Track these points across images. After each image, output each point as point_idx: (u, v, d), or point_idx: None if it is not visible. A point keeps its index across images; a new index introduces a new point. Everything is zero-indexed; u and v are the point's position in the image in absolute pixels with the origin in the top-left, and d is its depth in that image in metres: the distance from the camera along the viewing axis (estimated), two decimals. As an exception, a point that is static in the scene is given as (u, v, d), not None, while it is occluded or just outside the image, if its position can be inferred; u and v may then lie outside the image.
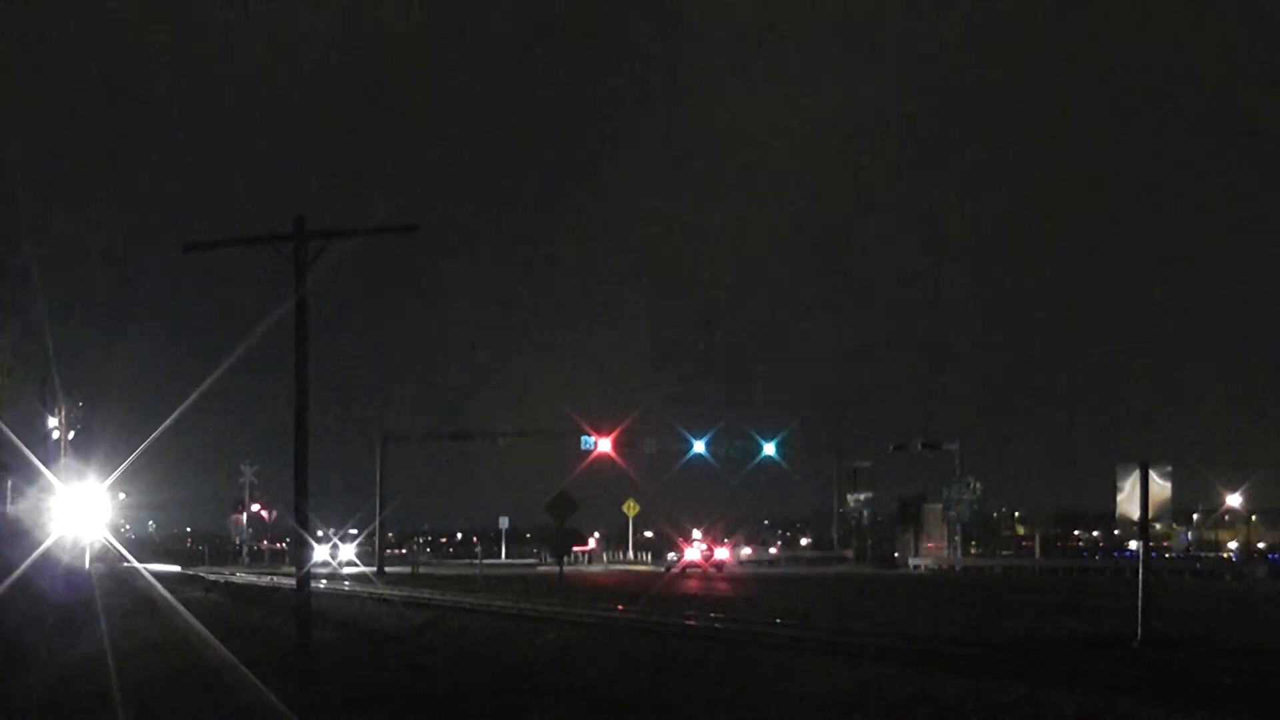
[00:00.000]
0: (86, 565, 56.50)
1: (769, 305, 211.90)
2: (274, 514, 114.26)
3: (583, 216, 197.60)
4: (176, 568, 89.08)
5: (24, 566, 24.59)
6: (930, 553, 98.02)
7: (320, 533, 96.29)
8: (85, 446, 69.59)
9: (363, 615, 38.08)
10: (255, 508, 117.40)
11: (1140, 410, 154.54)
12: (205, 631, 29.58)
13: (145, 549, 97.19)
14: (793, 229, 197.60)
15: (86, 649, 25.36)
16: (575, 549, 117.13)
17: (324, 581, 63.25)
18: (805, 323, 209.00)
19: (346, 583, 61.90)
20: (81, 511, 62.21)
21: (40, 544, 25.25)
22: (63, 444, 66.47)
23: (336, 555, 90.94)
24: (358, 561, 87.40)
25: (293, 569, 22.65)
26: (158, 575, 64.88)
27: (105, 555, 70.67)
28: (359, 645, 27.79)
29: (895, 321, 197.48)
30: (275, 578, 68.95)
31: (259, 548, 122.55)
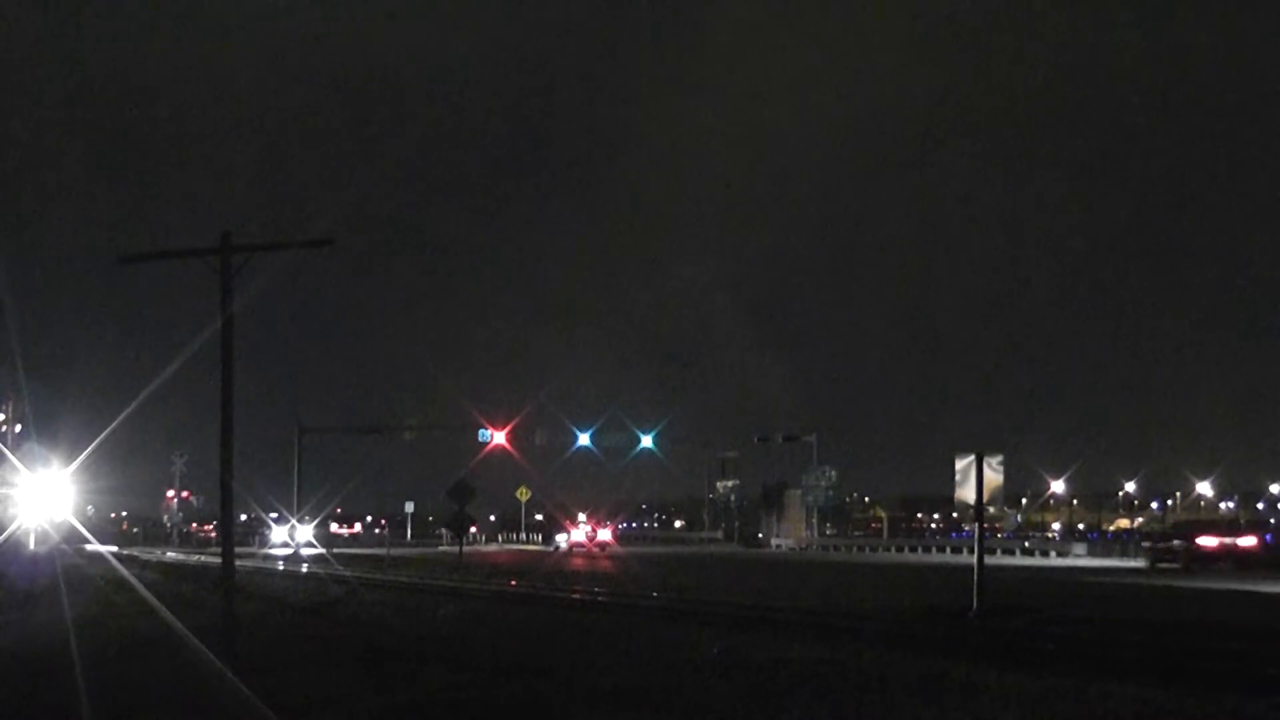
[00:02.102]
0: (32, 545, 55.61)
1: (652, 305, 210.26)
2: (202, 499, 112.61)
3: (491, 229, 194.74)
4: (114, 548, 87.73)
5: None
6: (790, 533, 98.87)
7: (275, 515, 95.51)
8: (44, 439, 69.42)
9: (284, 590, 37.74)
10: (184, 494, 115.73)
11: (978, 405, 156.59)
12: (151, 599, 29.30)
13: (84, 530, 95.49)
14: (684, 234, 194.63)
15: (47, 616, 24.97)
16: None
17: (281, 564, 62.35)
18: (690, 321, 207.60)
19: (304, 565, 60.82)
20: (32, 496, 62.17)
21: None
22: (10, 437, 66.46)
23: (295, 536, 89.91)
24: (315, 543, 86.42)
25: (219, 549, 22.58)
26: (97, 555, 64.10)
27: (51, 537, 69.44)
28: (282, 616, 27.57)
29: (764, 322, 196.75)
30: (204, 558, 68.00)
31: (189, 530, 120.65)
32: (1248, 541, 52.46)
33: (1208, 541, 51.50)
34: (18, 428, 69.24)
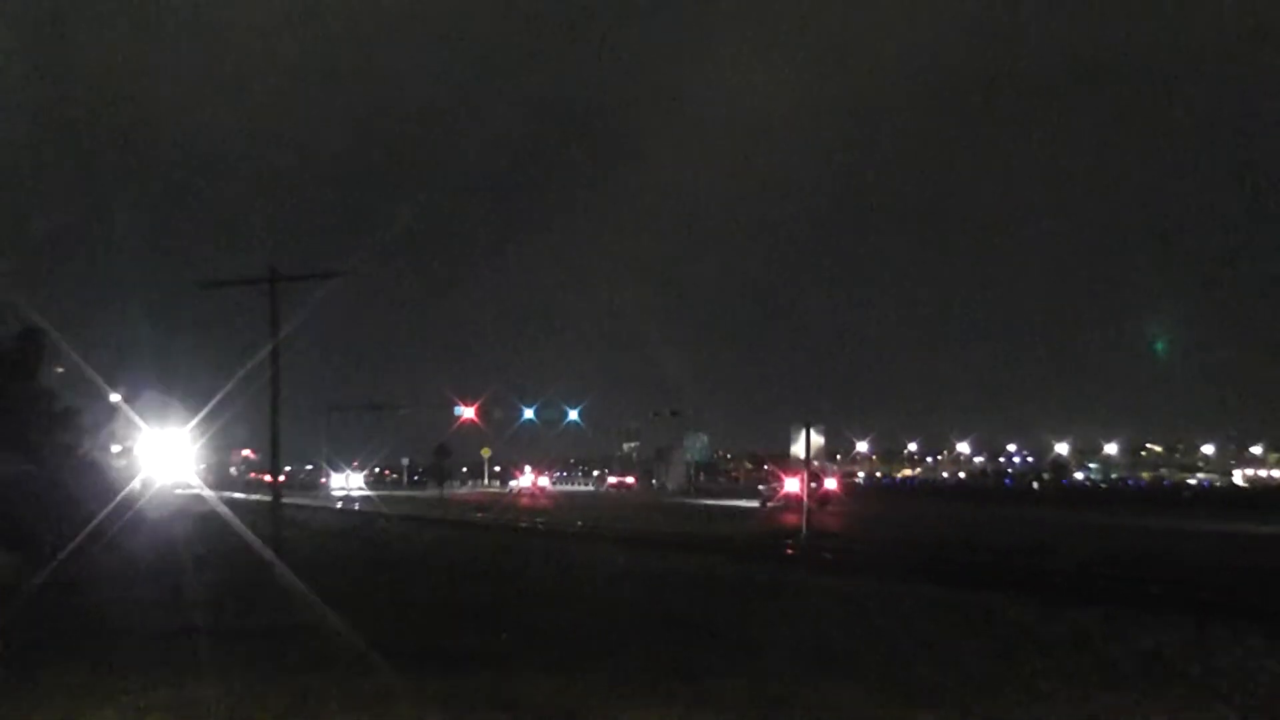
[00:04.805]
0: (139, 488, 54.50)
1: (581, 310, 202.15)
2: (261, 455, 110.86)
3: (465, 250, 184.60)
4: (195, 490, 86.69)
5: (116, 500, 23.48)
6: (676, 480, 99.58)
7: (310, 466, 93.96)
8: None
9: (315, 521, 37.49)
10: (246, 451, 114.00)
11: (809, 381, 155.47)
12: (233, 519, 29.11)
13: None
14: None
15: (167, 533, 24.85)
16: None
17: (339, 503, 61.11)
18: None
19: (356, 504, 59.26)
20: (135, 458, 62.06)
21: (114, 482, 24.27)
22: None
23: (350, 482, 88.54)
24: (365, 487, 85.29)
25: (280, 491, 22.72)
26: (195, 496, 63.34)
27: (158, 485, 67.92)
28: (313, 537, 27.48)
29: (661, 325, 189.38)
30: (262, 497, 67.07)
31: (252, 477, 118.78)
32: (830, 485, 48.24)
33: (792, 486, 39.20)
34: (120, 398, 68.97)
